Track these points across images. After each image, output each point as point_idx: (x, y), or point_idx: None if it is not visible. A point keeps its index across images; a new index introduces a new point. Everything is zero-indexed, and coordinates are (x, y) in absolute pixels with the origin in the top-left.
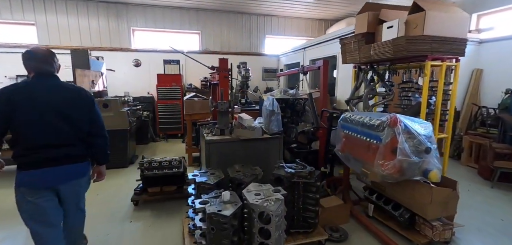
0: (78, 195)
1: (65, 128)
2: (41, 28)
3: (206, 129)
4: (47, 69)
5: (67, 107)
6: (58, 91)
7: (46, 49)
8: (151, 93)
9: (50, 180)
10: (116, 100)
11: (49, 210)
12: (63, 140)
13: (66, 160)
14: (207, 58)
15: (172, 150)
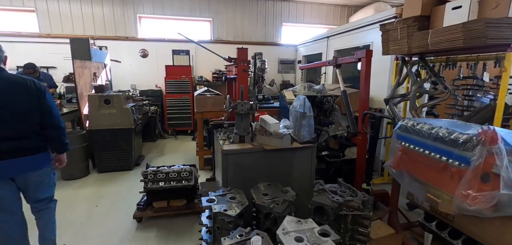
0: (38, 187)
1: (14, 121)
2: (42, 16)
3: (221, 134)
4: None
5: (10, 99)
6: (5, 84)
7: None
8: (159, 86)
9: (3, 172)
10: (119, 95)
11: (5, 200)
12: (12, 134)
13: (17, 153)
14: (219, 48)
15: (182, 148)
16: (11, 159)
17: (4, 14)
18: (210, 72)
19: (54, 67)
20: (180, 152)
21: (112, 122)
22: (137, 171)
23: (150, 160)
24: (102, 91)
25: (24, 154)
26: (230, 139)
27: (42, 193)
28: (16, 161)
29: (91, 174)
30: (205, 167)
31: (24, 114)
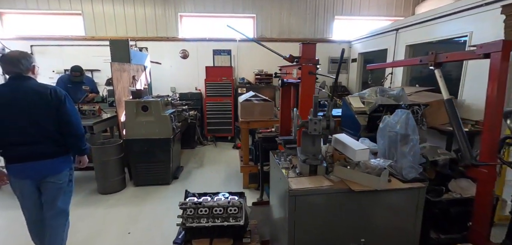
0: (54, 191)
1: (29, 128)
2: (88, 18)
3: (282, 158)
4: (15, 71)
5: (31, 108)
6: (25, 92)
7: (16, 52)
8: (199, 88)
9: (24, 172)
10: (158, 101)
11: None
12: (28, 139)
13: (34, 157)
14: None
15: (222, 158)
16: (30, 162)
17: (53, 19)
18: (253, 73)
19: (98, 70)
20: (221, 163)
21: (149, 131)
22: (175, 185)
23: (189, 172)
24: (140, 96)
25: (41, 158)
26: (295, 168)
27: (58, 200)
28: (34, 164)
29: (127, 188)
30: (250, 185)
31: (39, 121)
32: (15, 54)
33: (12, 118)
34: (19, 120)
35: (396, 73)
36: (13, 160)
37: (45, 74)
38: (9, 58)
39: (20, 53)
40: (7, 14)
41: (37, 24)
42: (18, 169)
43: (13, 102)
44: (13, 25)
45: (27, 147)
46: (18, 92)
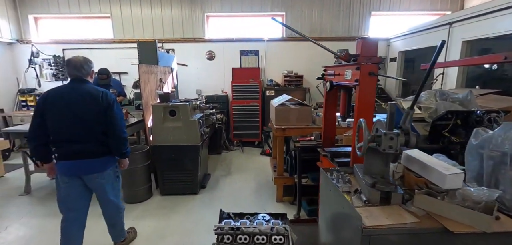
0: (102, 187)
1: (79, 127)
2: (116, 21)
3: (339, 178)
4: (76, 74)
5: (85, 109)
6: (80, 94)
7: (80, 57)
8: (225, 91)
9: (71, 170)
10: (186, 106)
11: (71, 197)
12: (77, 137)
13: (81, 155)
14: (291, 46)
15: (251, 166)
16: (78, 160)
17: (84, 23)
18: (281, 75)
19: (125, 73)
20: (250, 171)
21: (177, 138)
22: (203, 196)
23: (217, 181)
24: (167, 100)
25: (88, 157)
26: (359, 193)
27: (106, 193)
28: (80, 162)
29: (153, 197)
30: (284, 198)
31: (89, 122)
32: (79, 59)
33: (69, 117)
34: (75, 120)
35: (449, 73)
36: (65, 157)
37: None
38: (74, 63)
39: (83, 59)
40: (42, 19)
41: (68, 28)
42: (68, 166)
43: (72, 103)
44: (47, 29)
45: (79, 145)
46: (76, 94)
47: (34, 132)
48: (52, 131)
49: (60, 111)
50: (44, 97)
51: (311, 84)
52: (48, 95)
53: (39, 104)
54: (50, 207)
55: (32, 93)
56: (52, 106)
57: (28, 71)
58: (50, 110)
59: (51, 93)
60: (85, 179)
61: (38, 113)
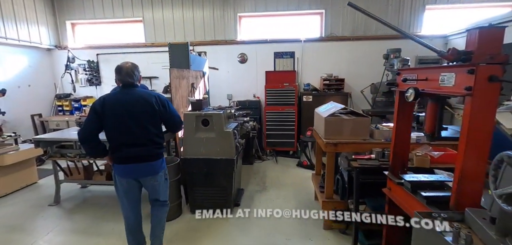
0: (155, 188)
1: (136, 130)
2: (148, 25)
3: (458, 236)
4: (128, 81)
5: (140, 113)
6: (136, 99)
7: (130, 63)
8: (257, 96)
9: (129, 173)
10: (220, 114)
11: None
12: (136, 141)
13: (139, 159)
14: (331, 47)
15: (288, 180)
16: (134, 164)
17: (116, 27)
18: (319, 78)
19: (156, 77)
20: (288, 187)
21: (210, 150)
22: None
23: (251, 198)
24: (200, 108)
25: (145, 160)
26: None
27: (157, 195)
28: (137, 166)
29: (183, 215)
30: (333, 225)
31: (145, 126)
32: (130, 66)
33: (128, 122)
34: (133, 124)
35: None
36: (122, 161)
37: (107, 82)
38: (126, 69)
39: (132, 65)
40: (78, 25)
41: (102, 33)
42: (126, 169)
43: (129, 108)
44: (82, 35)
45: (136, 149)
46: (132, 99)
47: (90, 135)
48: (110, 136)
49: (119, 116)
50: (101, 102)
51: (353, 88)
52: (105, 101)
53: (96, 109)
54: (77, 222)
55: (68, 98)
56: (111, 111)
57: (64, 76)
58: (109, 115)
59: (108, 99)
60: (141, 180)
61: (96, 118)
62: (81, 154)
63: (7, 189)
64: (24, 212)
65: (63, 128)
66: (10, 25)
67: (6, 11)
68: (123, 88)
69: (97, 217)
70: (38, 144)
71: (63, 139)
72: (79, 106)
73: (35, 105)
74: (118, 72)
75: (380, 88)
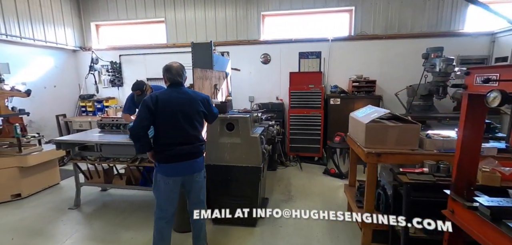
0: (198, 186)
1: (188, 129)
2: (170, 25)
3: None
4: (178, 80)
5: (189, 111)
6: (187, 98)
7: (177, 63)
8: (280, 98)
9: (178, 171)
10: (246, 118)
11: (173, 194)
12: (187, 139)
13: (188, 156)
14: (360, 46)
15: (315, 189)
16: (184, 161)
17: (138, 28)
18: (348, 80)
19: None
20: (315, 198)
21: (234, 157)
22: (263, 229)
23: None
24: (225, 111)
25: (194, 157)
26: None
27: (201, 194)
28: (187, 163)
29: None
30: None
31: (195, 124)
32: (179, 66)
33: (181, 120)
34: (184, 122)
35: None
36: (171, 159)
37: (129, 83)
38: (176, 69)
39: (181, 65)
40: (102, 26)
41: (124, 34)
42: (174, 168)
43: (181, 106)
44: (105, 36)
45: (188, 147)
46: (184, 97)
47: (143, 131)
48: (163, 134)
49: (173, 114)
50: (154, 99)
51: (385, 91)
52: (158, 99)
53: (149, 106)
54: (96, 229)
55: (91, 99)
56: (164, 109)
57: (88, 77)
58: (162, 112)
59: (161, 97)
60: (186, 179)
61: (149, 115)
62: (102, 157)
63: (30, 190)
64: (44, 216)
65: (86, 129)
66: (38, 27)
67: (34, 13)
68: (173, 87)
69: (116, 224)
70: (59, 146)
71: (84, 141)
72: (102, 107)
73: (60, 105)
74: (168, 71)
75: (418, 90)
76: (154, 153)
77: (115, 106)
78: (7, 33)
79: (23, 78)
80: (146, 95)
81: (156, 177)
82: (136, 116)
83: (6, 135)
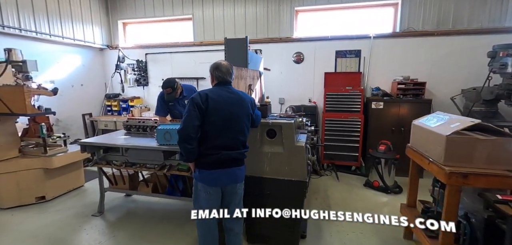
0: (238, 196)
1: (237, 132)
2: (197, 23)
3: None
4: (228, 79)
5: (239, 114)
6: (238, 98)
7: (226, 62)
8: (314, 100)
9: (222, 180)
10: (291, 124)
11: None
12: (234, 144)
13: (233, 163)
14: (407, 44)
15: (356, 204)
16: (229, 168)
17: (165, 26)
18: (392, 82)
19: (203, 78)
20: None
21: (276, 169)
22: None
23: (319, 227)
24: (265, 115)
25: (240, 164)
26: None
27: (240, 204)
28: (232, 171)
29: None
30: None
31: (242, 127)
32: (228, 64)
33: (229, 122)
34: (234, 125)
35: None
36: (214, 165)
37: (155, 82)
38: (226, 67)
39: (229, 63)
40: (129, 25)
41: (150, 33)
42: (219, 175)
43: (231, 108)
44: (132, 34)
45: (236, 153)
46: (234, 99)
47: (194, 133)
48: (211, 136)
49: (224, 115)
50: (204, 97)
51: (435, 94)
52: (208, 96)
53: (200, 104)
54: (120, 241)
55: (117, 98)
56: (215, 109)
57: (114, 76)
58: (214, 113)
59: (211, 95)
60: (227, 189)
61: (199, 114)
62: (128, 163)
63: (55, 193)
64: (68, 223)
65: (111, 129)
66: (67, 25)
67: (63, 11)
68: (222, 86)
69: (140, 237)
70: (84, 148)
71: (109, 145)
72: (127, 106)
73: (86, 104)
74: (217, 69)
75: (482, 94)
76: (198, 156)
77: (140, 106)
78: (37, 31)
79: (51, 76)
80: (177, 94)
81: (196, 187)
82: (185, 115)
83: (32, 134)
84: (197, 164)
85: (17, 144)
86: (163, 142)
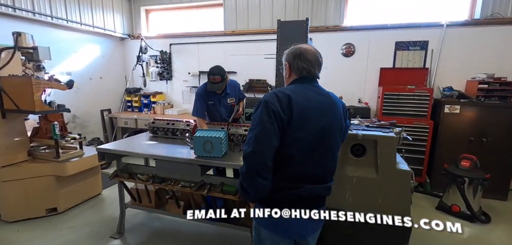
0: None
1: (328, 156)
2: (229, 9)
3: None
4: (316, 73)
5: (332, 127)
6: (331, 103)
7: (315, 49)
8: (365, 101)
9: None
10: (392, 139)
11: None
12: (322, 173)
13: (318, 201)
14: (488, 34)
15: (444, 241)
16: (311, 209)
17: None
18: (468, 80)
19: (233, 72)
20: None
21: (363, 200)
22: None
23: None
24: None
25: (322, 203)
26: None
27: None
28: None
29: None
30: None
31: (334, 148)
32: (316, 52)
33: (317, 140)
34: (323, 144)
35: None
36: (290, 205)
37: (179, 77)
38: (314, 55)
39: (317, 50)
40: (152, 12)
41: (176, 21)
42: (293, 221)
43: (322, 118)
44: (156, 23)
45: (316, 187)
46: (326, 104)
47: (272, 160)
48: (292, 163)
49: (314, 130)
50: (285, 102)
51: None
52: (291, 100)
53: (277, 112)
54: None
55: (138, 93)
56: (303, 118)
57: (136, 68)
58: (300, 127)
59: (295, 98)
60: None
61: (277, 129)
62: (156, 178)
63: (69, 203)
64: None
65: (131, 127)
66: (86, 10)
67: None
68: (307, 83)
69: None
70: (102, 156)
71: (132, 153)
72: (148, 102)
73: (105, 99)
74: (301, 57)
75: None
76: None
77: (163, 103)
78: (53, 15)
79: (68, 68)
80: (225, 85)
81: (258, 234)
82: (256, 130)
83: (43, 135)
84: (262, 201)
85: (26, 146)
86: (202, 153)
